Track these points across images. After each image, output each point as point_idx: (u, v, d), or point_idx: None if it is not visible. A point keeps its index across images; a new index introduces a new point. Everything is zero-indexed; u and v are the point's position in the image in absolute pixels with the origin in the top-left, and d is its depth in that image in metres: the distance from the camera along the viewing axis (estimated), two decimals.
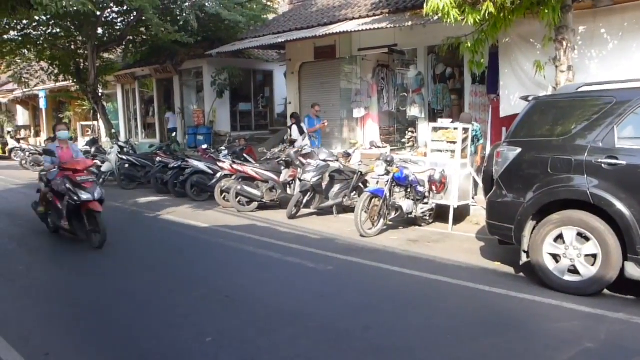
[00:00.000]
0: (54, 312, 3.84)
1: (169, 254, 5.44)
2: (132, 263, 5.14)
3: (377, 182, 6.49)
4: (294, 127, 10.13)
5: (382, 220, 6.20)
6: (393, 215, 6.22)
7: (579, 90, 4.35)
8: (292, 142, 9.59)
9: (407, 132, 10.01)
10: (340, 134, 11.14)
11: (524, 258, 4.26)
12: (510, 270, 4.75)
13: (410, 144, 9.78)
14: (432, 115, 9.47)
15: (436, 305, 3.74)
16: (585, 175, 3.99)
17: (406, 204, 6.28)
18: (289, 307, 3.79)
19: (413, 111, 9.63)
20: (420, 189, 6.47)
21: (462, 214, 6.78)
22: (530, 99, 4.58)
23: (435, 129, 6.96)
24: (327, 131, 11.03)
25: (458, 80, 9.49)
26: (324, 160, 7.32)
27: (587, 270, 4.03)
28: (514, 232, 4.30)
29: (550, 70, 6.07)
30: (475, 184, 6.93)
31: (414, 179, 6.42)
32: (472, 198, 6.54)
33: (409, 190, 6.38)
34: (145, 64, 15.39)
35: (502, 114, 7.22)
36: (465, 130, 6.69)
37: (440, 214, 6.67)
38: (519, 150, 4.34)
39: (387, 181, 6.08)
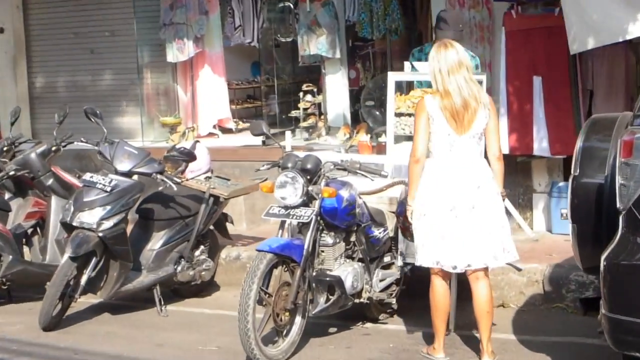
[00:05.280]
0: None
1: None
2: None
3: (286, 224, 5.99)
4: None
5: (299, 320, 5.81)
6: (321, 302, 5.93)
7: None
8: None
9: (302, 93, 9.90)
10: (141, 103, 10.98)
11: None
12: None
13: (310, 121, 9.77)
14: (359, 58, 9.55)
15: None
16: None
17: (350, 273, 6.04)
18: None
19: (313, 45, 9.49)
20: (376, 232, 6.29)
21: (466, 281, 6.47)
22: None
23: (401, 87, 7.20)
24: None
25: None
26: (128, 174, 6.81)
27: None
28: None
29: None
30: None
31: (364, 209, 6.25)
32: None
33: (353, 237, 6.22)
34: None
35: (574, 51, 7.28)
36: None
37: (413, 284, 6.58)
38: None
39: (311, 219, 5.77)
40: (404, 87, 7.79)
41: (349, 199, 5.98)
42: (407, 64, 7.38)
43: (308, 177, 5.85)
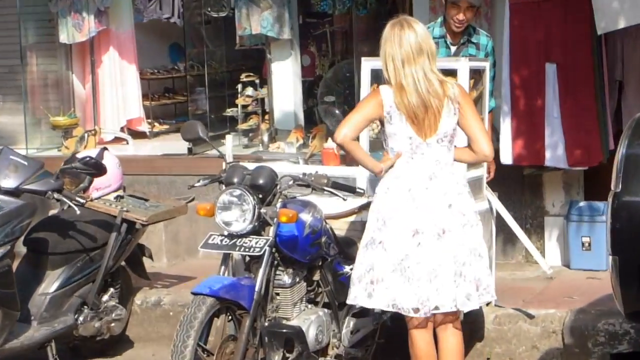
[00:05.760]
0: None
1: None
2: None
3: (230, 259, 6.13)
4: None
5: None
6: None
7: None
8: None
9: (240, 86, 10.13)
10: (25, 97, 11.06)
11: None
12: None
13: (251, 122, 10.01)
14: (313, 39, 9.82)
15: None
16: None
17: (313, 323, 6.16)
18: None
19: (256, 22, 9.70)
20: (346, 268, 6.41)
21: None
22: None
23: (378, 78, 7.00)
24: None
25: None
26: (14, 192, 6.72)
27: None
28: None
29: None
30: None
31: (331, 238, 6.43)
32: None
33: (317, 275, 6.35)
34: None
35: (601, 30, 7.59)
36: (478, 76, 7.00)
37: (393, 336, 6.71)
38: None
39: (264, 252, 5.78)
40: (382, 78, 7.60)
41: (313, 225, 5.95)
42: None
43: (260, 195, 5.76)
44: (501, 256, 7.88)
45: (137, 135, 10.46)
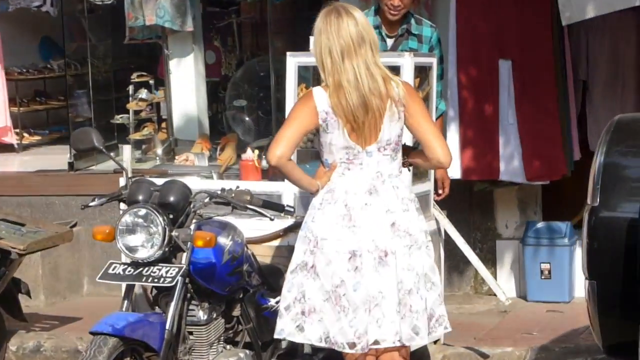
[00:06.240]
0: None
1: None
2: None
3: (133, 292, 6.08)
4: None
5: None
6: None
7: None
8: None
9: (131, 88, 10.30)
10: None
11: None
12: None
13: (146, 131, 10.27)
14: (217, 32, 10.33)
15: None
16: None
17: None
18: None
19: (150, 11, 9.92)
20: (271, 301, 6.48)
21: None
22: None
23: (306, 77, 7.53)
24: None
25: None
26: None
27: None
28: None
29: None
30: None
31: (254, 266, 6.51)
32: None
33: (237, 310, 6.40)
34: None
35: (566, 21, 7.78)
36: (423, 74, 7.19)
37: None
38: None
39: (176, 282, 5.77)
40: (310, 78, 7.68)
41: (233, 250, 5.93)
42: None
43: (171, 215, 5.70)
44: (446, 287, 7.82)
45: (3, 148, 10.42)
